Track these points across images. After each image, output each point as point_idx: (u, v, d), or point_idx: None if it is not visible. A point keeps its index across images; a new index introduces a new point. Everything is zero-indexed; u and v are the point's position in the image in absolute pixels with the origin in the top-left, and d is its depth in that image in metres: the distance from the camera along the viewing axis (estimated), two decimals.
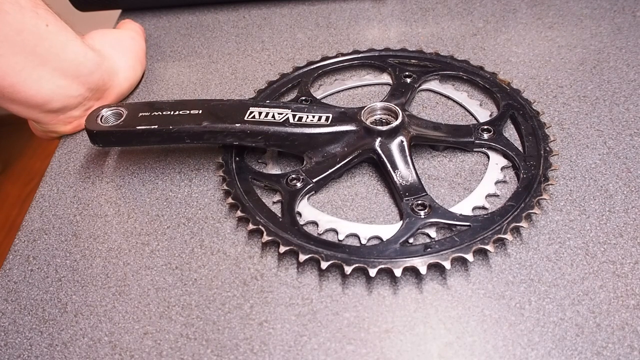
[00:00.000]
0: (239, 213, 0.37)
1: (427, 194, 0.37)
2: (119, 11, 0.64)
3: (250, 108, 0.40)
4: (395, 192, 0.38)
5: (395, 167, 0.38)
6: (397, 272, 0.33)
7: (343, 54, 0.51)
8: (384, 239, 0.35)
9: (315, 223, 0.37)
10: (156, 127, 0.39)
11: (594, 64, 0.48)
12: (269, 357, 0.31)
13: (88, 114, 0.41)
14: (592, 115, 0.43)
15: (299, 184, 0.39)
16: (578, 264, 0.34)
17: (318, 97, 0.47)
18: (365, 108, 0.40)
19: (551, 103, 0.45)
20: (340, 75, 0.50)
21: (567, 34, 0.52)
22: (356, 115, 0.40)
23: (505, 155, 0.40)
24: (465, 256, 0.33)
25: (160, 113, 0.40)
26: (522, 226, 0.35)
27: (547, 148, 0.39)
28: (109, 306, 0.35)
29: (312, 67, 0.50)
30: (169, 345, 0.32)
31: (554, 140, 0.40)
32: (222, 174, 0.40)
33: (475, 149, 0.41)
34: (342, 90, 0.49)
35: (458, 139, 0.41)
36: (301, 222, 0.37)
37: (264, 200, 0.38)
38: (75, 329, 0.34)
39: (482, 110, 0.45)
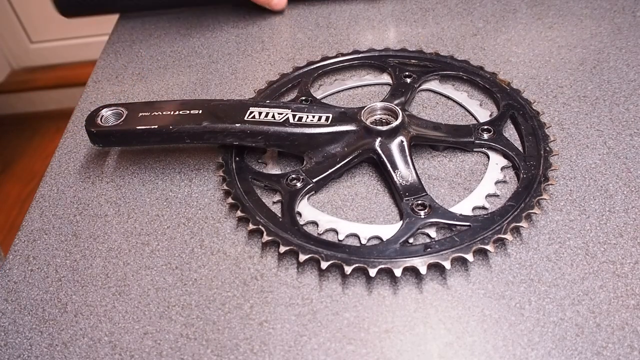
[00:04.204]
0: (239, 213, 0.37)
1: (427, 194, 0.37)
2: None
3: (250, 108, 0.40)
4: (395, 192, 0.38)
5: (395, 167, 0.38)
6: (397, 272, 0.33)
7: (343, 54, 0.51)
8: (384, 239, 0.35)
9: (315, 223, 0.37)
10: (156, 127, 0.39)
11: (594, 64, 0.48)
12: (269, 357, 0.31)
13: (88, 114, 0.41)
14: (592, 115, 0.43)
15: (299, 184, 0.39)
16: (578, 264, 0.34)
17: (318, 97, 0.47)
18: (365, 108, 0.40)
19: (551, 103, 0.45)
20: (340, 75, 0.50)
21: (567, 34, 0.52)
22: (356, 115, 0.40)
23: (505, 155, 0.40)
24: (465, 256, 0.33)
25: (160, 113, 0.40)
26: (522, 226, 0.35)
27: (547, 148, 0.39)
28: (109, 306, 0.35)
29: (312, 67, 0.50)
30: (169, 345, 0.32)
31: (554, 140, 0.40)
32: (222, 174, 0.40)
33: (475, 149, 0.41)
34: (342, 90, 0.49)
35: (458, 139, 0.41)
36: (301, 222, 0.37)
37: (264, 200, 0.38)
38: (75, 329, 0.34)
39: (482, 110, 0.45)
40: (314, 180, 0.39)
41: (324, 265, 0.33)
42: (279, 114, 0.40)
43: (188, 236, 0.38)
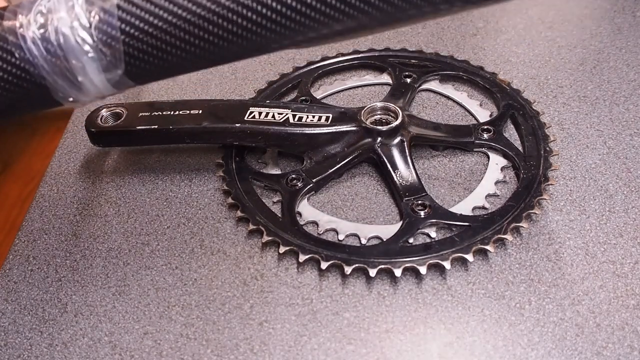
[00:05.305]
0: (239, 213, 0.37)
1: (427, 194, 0.37)
2: None
3: (250, 108, 0.40)
4: (395, 192, 0.38)
5: (395, 167, 0.38)
6: (397, 272, 0.33)
7: (343, 54, 0.51)
8: (384, 239, 0.35)
9: (315, 223, 0.37)
10: (156, 127, 0.39)
11: (594, 64, 0.48)
12: (269, 357, 0.31)
13: (88, 114, 0.41)
14: (592, 115, 0.43)
15: (299, 184, 0.39)
16: (578, 264, 0.34)
17: (318, 97, 0.47)
18: (365, 108, 0.40)
19: (551, 103, 0.45)
20: (340, 75, 0.50)
21: (567, 34, 0.52)
22: (356, 115, 0.40)
23: (505, 155, 0.40)
24: (465, 256, 0.33)
25: (160, 113, 0.40)
26: (522, 226, 0.35)
27: (547, 148, 0.39)
28: (109, 306, 0.35)
29: (312, 67, 0.50)
30: (169, 345, 0.32)
31: (554, 140, 0.40)
32: (222, 174, 0.40)
33: (475, 149, 0.41)
34: (342, 90, 0.49)
35: (458, 139, 0.41)
36: (301, 222, 0.37)
37: (264, 200, 0.38)
38: (75, 329, 0.34)
39: (482, 110, 0.45)
40: (314, 180, 0.39)
41: (324, 265, 0.33)
42: (279, 114, 0.40)
43: (188, 236, 0.38)
